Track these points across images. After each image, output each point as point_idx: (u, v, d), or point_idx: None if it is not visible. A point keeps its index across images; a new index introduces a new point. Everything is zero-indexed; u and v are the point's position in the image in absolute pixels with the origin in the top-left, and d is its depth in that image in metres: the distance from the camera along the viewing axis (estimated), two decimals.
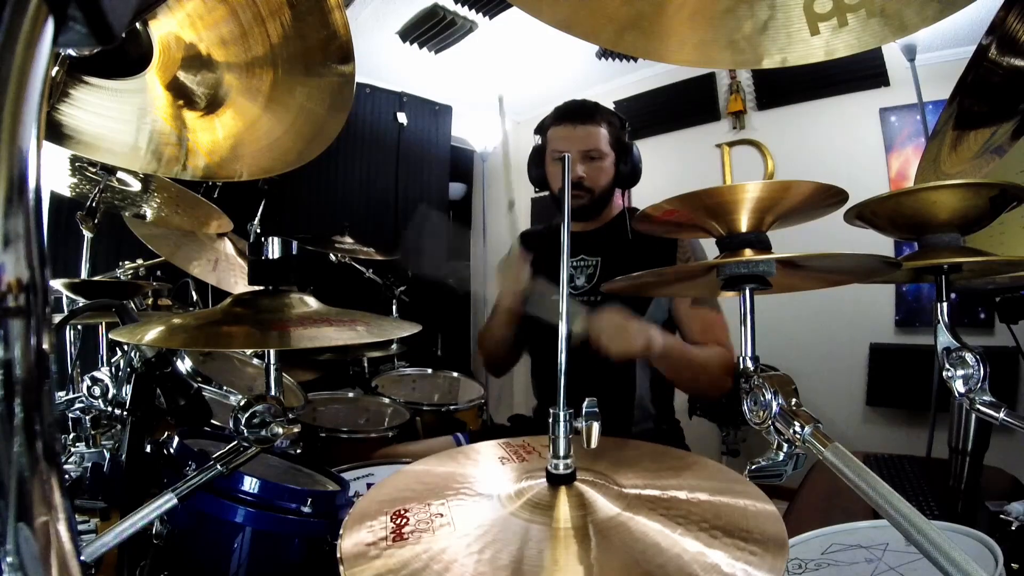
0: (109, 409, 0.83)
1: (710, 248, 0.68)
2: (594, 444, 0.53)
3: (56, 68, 0.59)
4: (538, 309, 1.46)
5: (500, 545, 0.47)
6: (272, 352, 0.69)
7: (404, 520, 0.51)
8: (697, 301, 1.48)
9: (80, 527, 0.91)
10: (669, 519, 0.49)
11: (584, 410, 0.54)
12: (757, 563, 0.43)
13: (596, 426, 0.53)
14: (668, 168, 3.56)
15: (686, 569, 0.43)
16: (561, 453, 0.54)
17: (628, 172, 1.52)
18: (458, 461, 0.66)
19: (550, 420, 0.54)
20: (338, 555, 0.47)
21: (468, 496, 0.56)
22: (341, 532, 0.50)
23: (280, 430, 0.64)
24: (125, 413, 0.82)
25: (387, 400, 2.02)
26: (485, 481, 0.60)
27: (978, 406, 0.65)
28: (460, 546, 0.47)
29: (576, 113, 1.52)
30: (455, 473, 0.62)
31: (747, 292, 0.61)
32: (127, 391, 0.81)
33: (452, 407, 2.05)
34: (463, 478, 0.61)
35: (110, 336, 0.78)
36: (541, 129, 1.58)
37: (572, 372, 0.55)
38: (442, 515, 0.51)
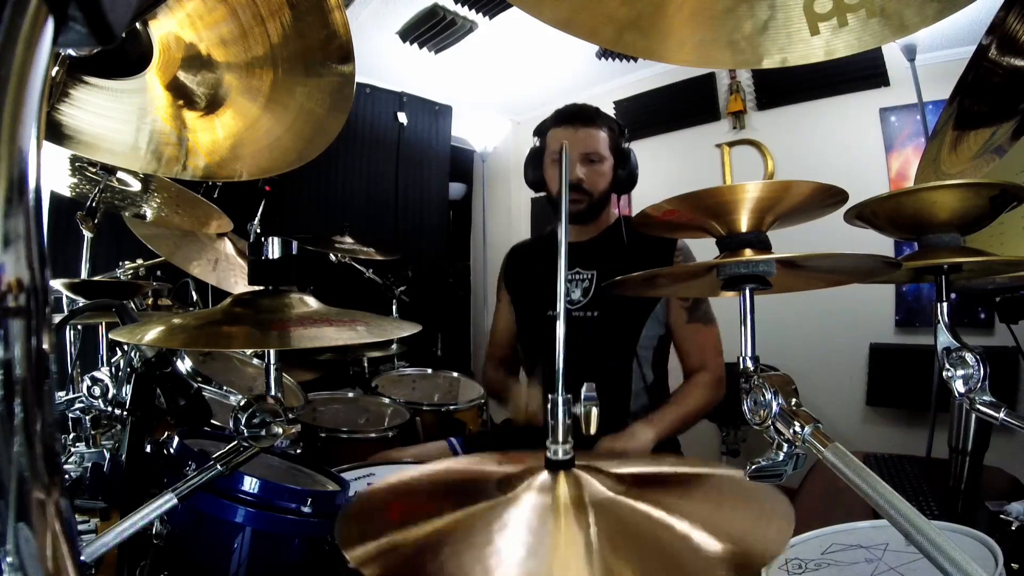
0: (109, 409, 0.83)
1: (708, 248, 0.68)
2: (593, 430, 0.53)
3: (56, 68, 0.59)
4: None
5: (502, 527, 0.47)
6: (272, 352, 0.69)
7: (405, 509, 0.51)
8: (692, 315, 1.50)
9: (80, 527, 0.91)
10: (667, 502, 0.50)
11: (583, 395, 0.54)
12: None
13: (595, 411, 0.53)
14: (668, 168, 3.56)
15: (686, 541, 0.43)
16: (560, 438, 0.54)
17: (625, 177, 1.53)
18: (452, 467, 0.66)
19: (548, 406, 0.54)
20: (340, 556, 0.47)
21: (467, 486, 0.56)
22: (337, 527, 0.49)
23: (280, 430, 0.64)
24: (125, 413, 0.82)
25: (387, 400, 2.02)
26: (483, 474, 0.60)
27: (978, 406, 0.65)
28: (463, 530, 0.47)
29: (577, 116, 1.52)
30: (452, 469, 0.62)
31: (747, 292, 0.61)
32: (127, 391, 0.81)
33: (452, 407, 2.05)
34: (460, 473, 0.61)
35: (110, 336, 0.78)
36: (540, 131, 1.58)
37: (569, 376, 0.55)
38: (442, 505, 0.51)
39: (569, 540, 0.45)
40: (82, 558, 0.55)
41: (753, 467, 0.58)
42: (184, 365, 1.32)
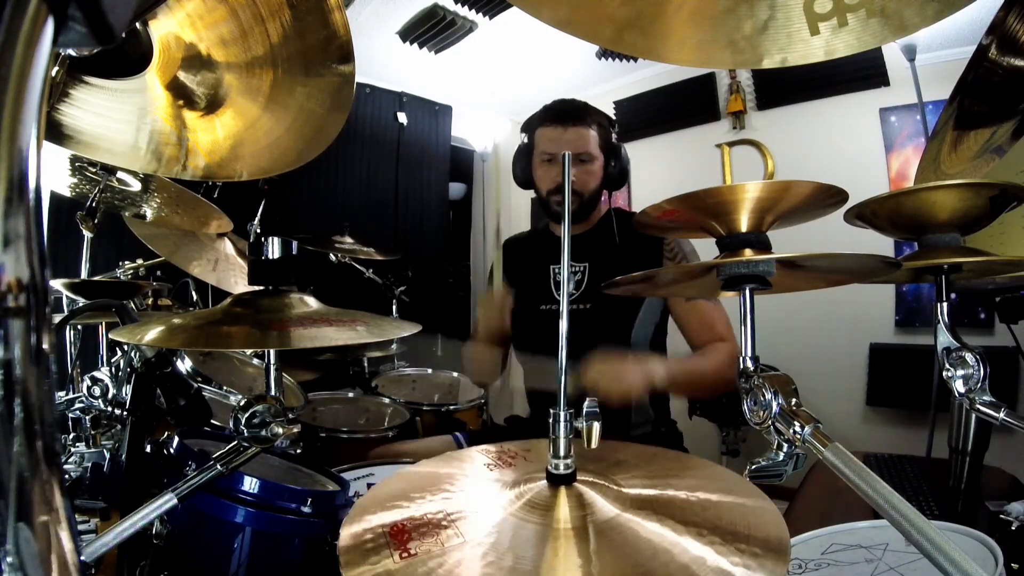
0: (109, 409, 0.83)
1: (708, 248, 0.68)
2: (595, 444, 0.53)
3: (56, 68, 0.59)
4: (532, 371, 1.47)
5: (504, 548, 0.47)
6: (272, 352, 0.69)
7: (406, 535, 0.50)
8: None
9: (80, 527, 0.91)
10: (669, 520, 0.49)
11: (584, 410, 0.54)
12: (758, 565, 0.43)
13: (596, 426, 0.53)
14: (668, 168, 3.56)
15: (686, 570, 0.43)
16: (561, 453, 0.54)
17: (616, 174, 1.50)
18: (447, 470, 0.65)
19: (550, 420, 0.54)
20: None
21: (467, 502, 0.56)
22: (339, 554, 0.49)
23: (280, 430, 0.64)
24: (125, 413, 0.82)
25: (387, 400, 2.02)
26: (482, 486, 0.60)
27: (978, 406, 0.65)
28: (466, 554, 0.47)
29: (566, 114, 1.48)
30: (451, 476, 0.62)
31: (747, 292, 0.61)
32: (127, 391, 0.81)
33: (452, 407, 2.05)
34: (459, 484, 0.60)
35: (110, 336, 0.78)
36: (528, 128, 1.55)
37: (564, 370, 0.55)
38: (445, 526, 0.51)
39: (568, 565, 0.45)
40: (82, 558, 0.55)
41: (753, 467, 0.58)
42: (184, 365, 1.32)
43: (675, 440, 1.56)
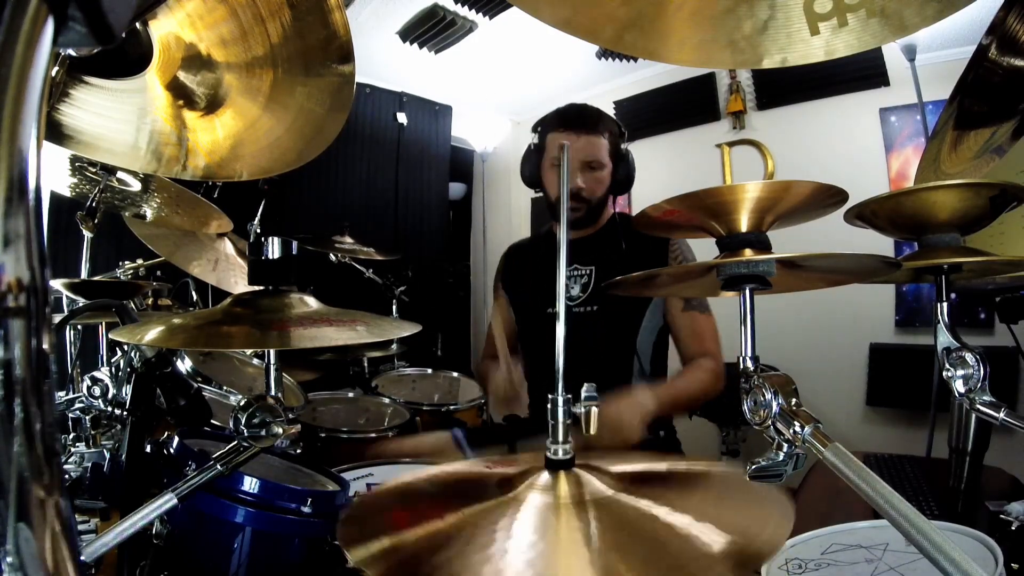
0: (109, 409, 0.83)
1: (708, 248, 0.68)
2: (593, 430, 0.53)
3: (56, 68, 0.59)
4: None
5: (504, 527, 0.47)
6: (272, 352, 0.69)
7: (406, 510, 0.50)
8: (689, 304, 1.50)
9: (80, 527, 0.91)
10: (667, 505, 0.50)
11: (583, 395, 0.54)
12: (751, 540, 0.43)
13: (595, 411, 0.53)
14: (668, 168, 3.56)
15: (685, 538, 0.43)
16: (560, 438, 0.54)
17: (623, 179, 1.53)
18: (446, 472, 0.66)
19: (548, 406, 0.54)
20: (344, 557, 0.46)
21: (466, 490, 0.56)
22: (339, 529, 0.49)
23: (280, 430, 0.64)
24: (125, 413, 0.82)
25: (387, 400, 2.02)
26: (482, 475, 0.60)
27: (978, 406, 0.65)
28: (465, 530, 0.47)
29: (579, 121, 1.50)
30: (452, 470, 0.62)
31: (747, 292, 0.61)
32: (127, 391, 0.81)
33: (452, 407, 2.05)
34: (458, 475, 0.61)
35: (110, 336, 0.78)
36: (540, 129, 1.56)
37: (567, 379, 0.55)
38: (443, 506, 0.51)
39: (570, 538, 0.46)
40: (82, 558, 0.55)
41: (753, 467, 0.58)
42: (184, 365, 1.32)
43: (674, 446, 1.57)
